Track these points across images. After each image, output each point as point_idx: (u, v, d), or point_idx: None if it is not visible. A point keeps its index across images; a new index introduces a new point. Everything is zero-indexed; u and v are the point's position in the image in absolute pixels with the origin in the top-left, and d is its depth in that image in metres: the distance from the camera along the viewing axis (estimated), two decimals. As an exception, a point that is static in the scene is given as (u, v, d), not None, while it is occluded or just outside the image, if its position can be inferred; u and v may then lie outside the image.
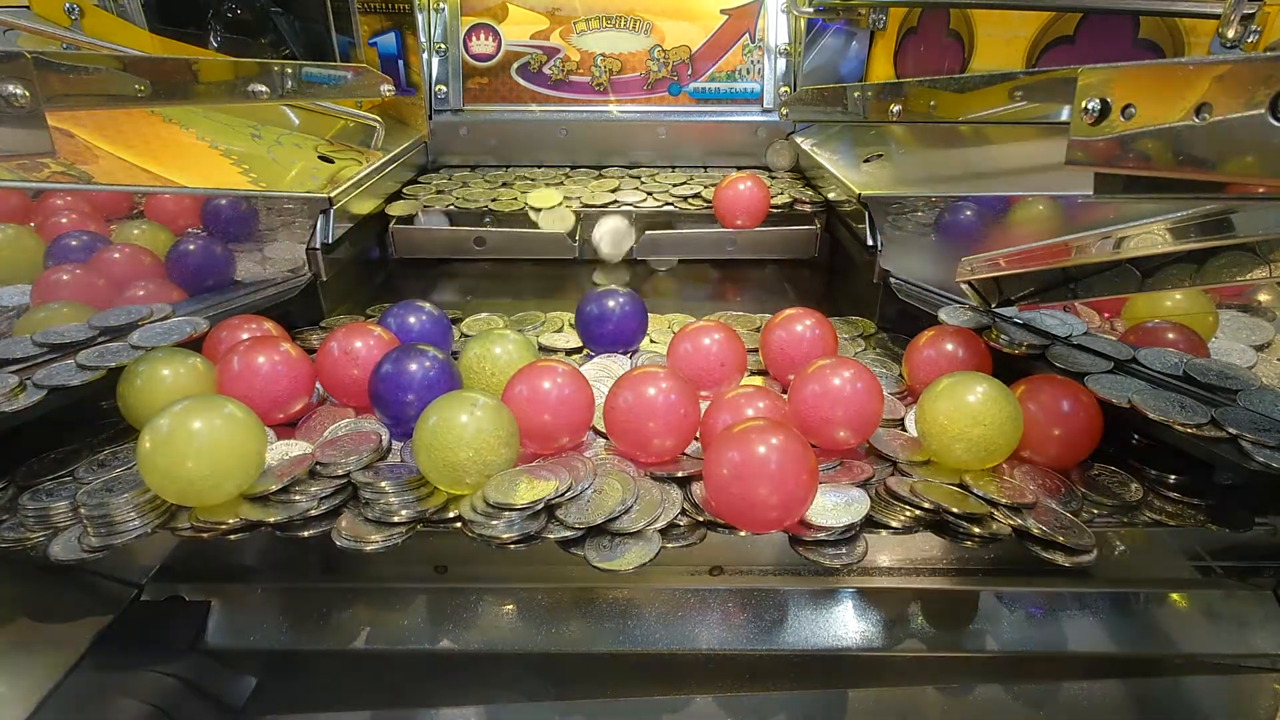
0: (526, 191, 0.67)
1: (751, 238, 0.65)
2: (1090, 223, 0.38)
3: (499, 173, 0.74)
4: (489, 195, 0.67)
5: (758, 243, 0.66)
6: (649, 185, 0.70)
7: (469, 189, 0.69)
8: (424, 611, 0.40)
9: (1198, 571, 0.42)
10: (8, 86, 0.31)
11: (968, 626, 0.39)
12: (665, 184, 0.71)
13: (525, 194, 0.67)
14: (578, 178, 0.73)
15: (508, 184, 0.70)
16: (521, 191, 0.67)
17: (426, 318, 0.46)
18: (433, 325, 0.46)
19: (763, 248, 0.66)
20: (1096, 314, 0.43)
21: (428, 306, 0.46)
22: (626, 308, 0.48)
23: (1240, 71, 0.22)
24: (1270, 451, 0.31)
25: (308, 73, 0.54)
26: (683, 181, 0.71)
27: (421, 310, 0.46)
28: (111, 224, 0.48)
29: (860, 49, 0.76)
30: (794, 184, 0.71)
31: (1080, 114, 0.28)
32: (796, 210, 0.66)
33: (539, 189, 0.68)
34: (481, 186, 0.70)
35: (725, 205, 0.63)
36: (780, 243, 0.66)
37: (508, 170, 0.76)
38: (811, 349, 0.43)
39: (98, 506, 0.32)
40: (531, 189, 0.68)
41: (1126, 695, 0.37)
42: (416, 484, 0.34)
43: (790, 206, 0.66)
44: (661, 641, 0.38)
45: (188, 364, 0.39)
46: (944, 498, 0.33)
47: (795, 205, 0.66)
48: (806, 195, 0.67)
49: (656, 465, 0.36)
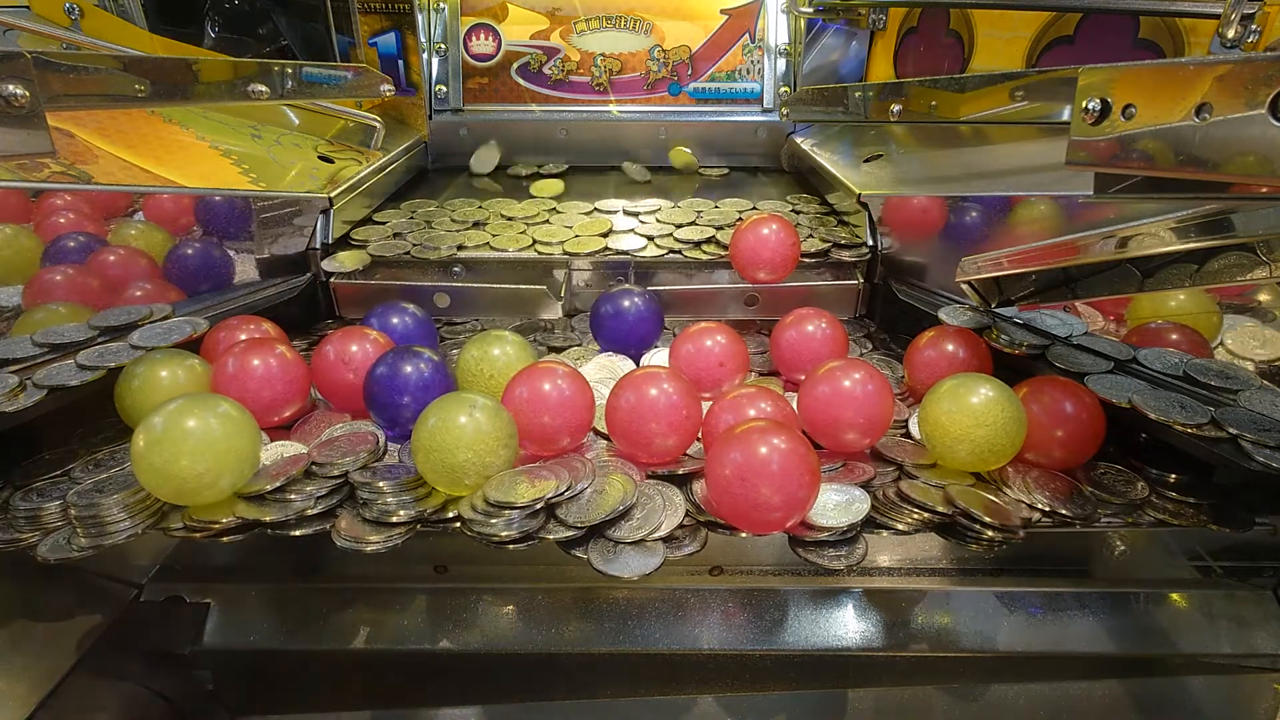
0: (498, 235, 0.56)
1: (778, 294, 0.54)
2: (1090, 223, 0.38)
3: (470, 207, 0.62)
4: (457, 233, 0.57)
5: (786, 301, 0.53)
6: (650, 227, 0.58)
7: (431, 230, 0.57)
8: (424, 611, 0.40)
9: (1198, 571, 0.42)
10: (8, 86, 0.31)
11: (968, 626, 0.39)
12: (669, 224, 0.58)
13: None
14: (565, 209, 0.62)
15: (480, 223, 0.58)
16: (493, 235, 0.56)
17: (410, 320, 0.45)
18: (417, 327, 0.46)
19: (792, 307, 0.47)
20: (1100, 315, 0.43)
21: (411, 308, 0.46)
22: (642, 308, 0.47)
23: (1240, 71, 0.22)
24: (1270, 451, 0.31)
25: (308, 73, 0.54)
26: (690, 221, 0.58)
27: (405, 311, 0.46)
28: (110, 224, 0.48)
29: (860, 49, 0.76)
30: (824, 221, 0.59)
31: (1080, 114, 0.28)
32: (833, 258, 0.54)
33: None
34: (445, 224, 0.58)
35: (745, 254, 0.51)
36: (814, 302, 0.51)
37: (481, 205, 0.63)
38: (822, 349, 0.43)
39: (88, 507, 0.32)
40: (506, 228, 0.58)
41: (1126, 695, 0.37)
42: (414, 484, 0.34)
43: (825, 255, 0.54)
44: (661, 641, 0.38)
45: (185, 365, 0.39)
46: (974, 502, 0.33)
47: (831, 252, 0.54)
48: (844, 237, 0.55)
49: (658, 466, 0.36)
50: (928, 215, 0.52)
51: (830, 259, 0.54)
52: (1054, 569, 0.42)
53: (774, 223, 0.51)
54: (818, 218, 0.60)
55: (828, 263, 0.54)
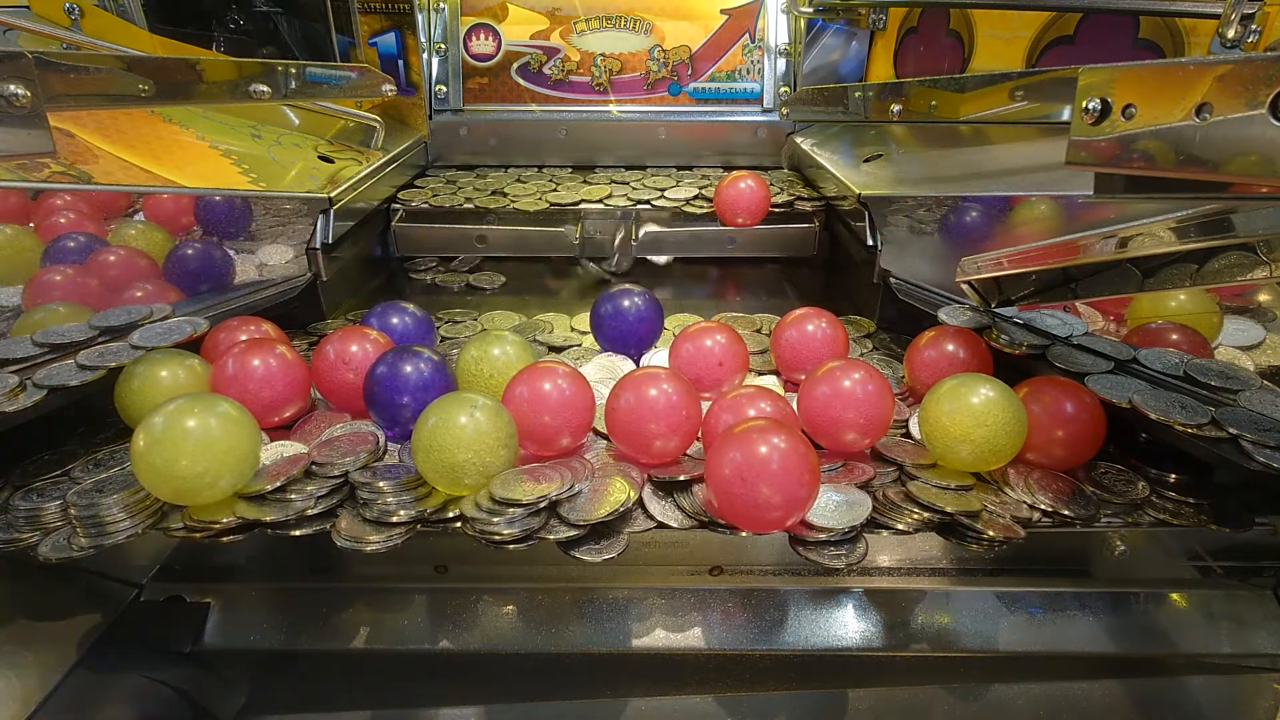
0: (519, 198, 0.68)
1: (751, 236, 0.67)
2: (1090, 223, 0.38)
3: (491, 177, 0.74)
4: (483, 197, 0.68)
5: (758, 241, 0.67)
6: (641, 191, 0.70)
7: (463, 190, 0.70)
8: (424, 612, 0.40)
9: (1198, 571, 0.42)
10: (9, 86, 0.31)
11: (968, 626, 0.39)
12: (655, 187, 0.71)
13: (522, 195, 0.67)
14: (567, 181, 0.73)
15: (499, 190, 0.70)
16: (512, 200, 0.68)
17: (410, 318, 0.45)
18: (415, 325, 0.45)
19: (762, 246, 0.68)
20: (1100, 315, 0.43)
21: (411, 307, 0.46)
22: (642, 308, 0.47)
23: (1240, 71, 0.22)
24: (1270, 451, 0.31)
25: (309, 73, 0.54)
26: (673, 185, 0.71)
27: (405, 311, 0.46)
28: (110, 224, 0.48)
29: (860, 49, 0.76)
30: (794, 183, 0.72)
31: (1081, 114, 0.28)
32: (796, 209, 0.67)
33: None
34: (471, 190, 0.70)
35: (726, 203, 0.65)
36: (780, 241, 0.67)
37: (505, 171, 0.77)
38: (823, 349, 0.43)
39: (87, 507, 0.32)
40: (521, 195, 0.69)
41: (1126, 695, 0.37)
42: (414, 484, 0.34)
43: (790, 205, 0.67)
44: (661, 641, 0.38)
45: (185, 365, 0.39)
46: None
47: (795, 204, 0.67)
48: (806, 194, 0.68)
49: (658, 467, 0.36)
50: (927, 215, 0.52)
51: (795, 210, 0.67)
52: (1054, 569, 0.42)
53: (750, 178, 0.64)
54: (789, 182, 0.72)
55: (792, 212, 0.67)
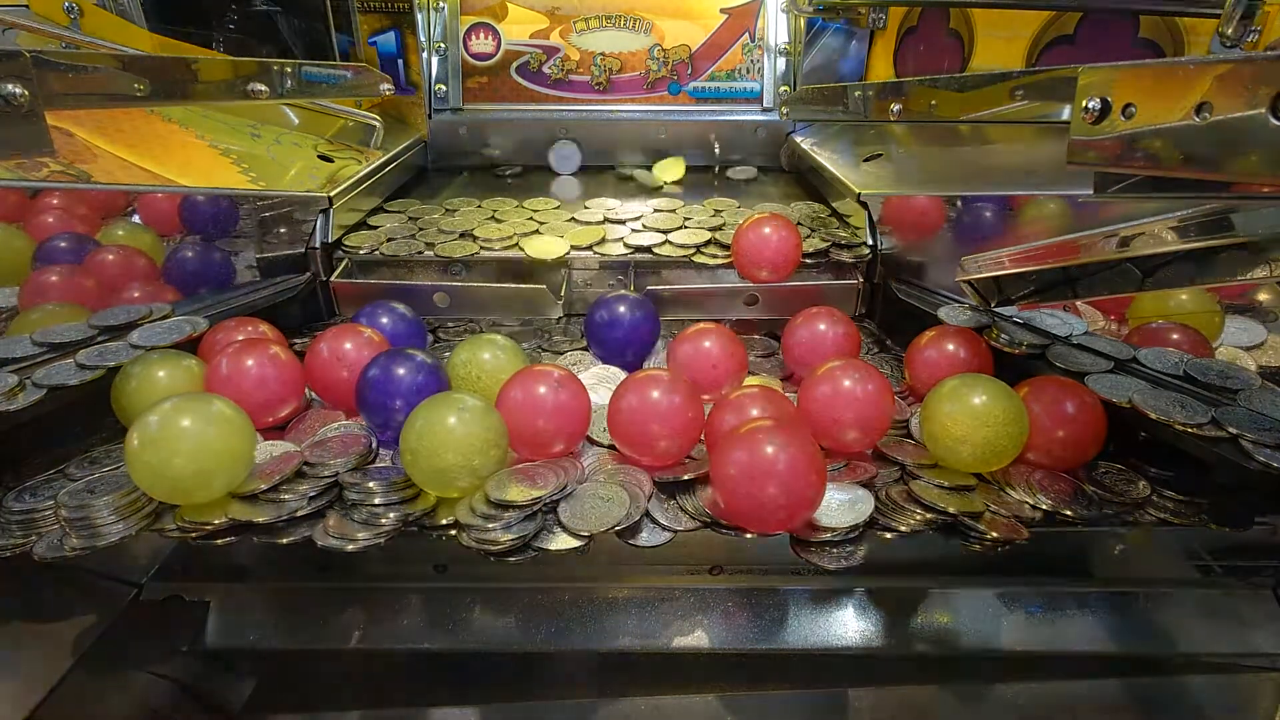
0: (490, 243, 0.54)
1: (779, 294, 0.53)
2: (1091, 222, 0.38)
3: (461, 214, 0.60)
4: (448, 242, 0.55)
5: (787, 302, 0.53)
6: (641, 234, 0.56)
7: (425, 231, 0.57)
8: (423, 611, 0.40)
9: (1198, 571, 0.42)
10: (7, 85, 0.31)
11: (968, 626, 0.39)
12: (657, 228, 0.57)
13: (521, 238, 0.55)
14: (552, 217, 0.60)
15: (468, 232, 0.56)
16: (484, 243, 0.55)
17: (400, 320, 0.45)
18: (406, 327, 0.45)
19: (792, 307, 0.49)
20: (1100, 314, 0.43)
21: (401, 308, 0.46)
22: (638, 315, 0.45)
23: (1240, 71, 0.22)
24: (1270, 451, 0.31)
25: (308, 72, 0.53)
26: (679, 226, 0.57)
27: (395, 311, 0.45)
28: (107, 223, 0.48)
29: (860, 49, 0.76)
30: (825, 221, 0.58)
31: (1081, 113, 0.28)
32: (833, 258, 0.54)
33: (538, 239, 0.55)
34: (434, 232, 0.56)
35: (746, 252, 0.51)
36: (814, 301, 0.50)
37: (479, 206, 0.62)
38: (834, 349, 0.43)
39: (78, 508, 0.32)
40: (494, 239, 0.55)
41: (1126, 695, 0.37)
42: (403, 485, 0.33)
43: (825, 255, 0.54)
44: (661, 641, 0.38)
45: (183, 365, 0.39)
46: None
47: (830, 252, 0.54)
48: (844, 236, 0.54)
49: (661, 468, 0.36)
50: (928, 215, 0.52)
51: (830, 259, 0.54)
52: (1054, 569, 0.42)
53: (776, 221, 0.51)
54: (818, 218, 0.59)
55: (828, 263, 0.54)
